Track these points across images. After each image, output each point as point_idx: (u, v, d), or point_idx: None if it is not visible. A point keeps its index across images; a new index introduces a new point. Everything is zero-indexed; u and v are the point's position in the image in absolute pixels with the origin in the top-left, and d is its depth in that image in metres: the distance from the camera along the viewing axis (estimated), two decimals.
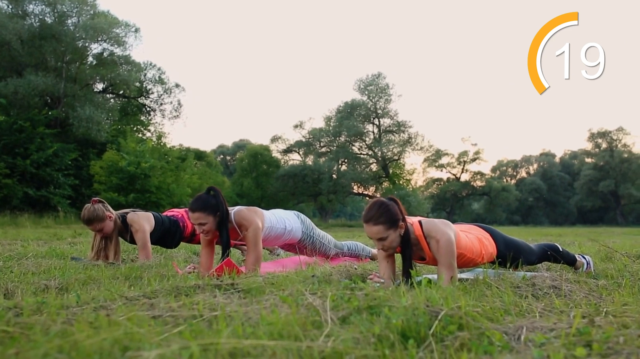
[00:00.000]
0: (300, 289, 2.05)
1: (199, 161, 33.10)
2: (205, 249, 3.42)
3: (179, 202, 24.09)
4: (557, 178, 52.27)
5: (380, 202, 2.63)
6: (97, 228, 4.17)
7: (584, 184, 48.91)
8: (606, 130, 47.80)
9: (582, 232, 20.57)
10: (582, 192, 49.39)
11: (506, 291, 2.21)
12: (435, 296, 1.73)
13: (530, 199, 51.31)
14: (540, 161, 55.07)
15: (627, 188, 46.15)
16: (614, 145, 47.38)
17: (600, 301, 2.15)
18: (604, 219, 48.80)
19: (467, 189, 46.26)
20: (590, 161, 49.73)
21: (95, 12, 25.75)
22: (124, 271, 3.27)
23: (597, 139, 48.34)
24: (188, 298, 2.01)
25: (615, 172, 46.62)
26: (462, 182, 45.54)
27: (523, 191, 50.33)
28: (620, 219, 46.96)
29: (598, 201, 48.69)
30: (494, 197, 45.29)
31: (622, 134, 47.24)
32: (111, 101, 28.47)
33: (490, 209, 47.54)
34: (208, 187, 3.39)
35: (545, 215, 52.05)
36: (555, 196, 51.92)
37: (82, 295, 2.08)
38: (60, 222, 18.31)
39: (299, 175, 35.79)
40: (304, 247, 4.01)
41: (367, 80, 36.12)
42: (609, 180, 46.72)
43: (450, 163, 43.37)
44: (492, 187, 45.06)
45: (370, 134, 37.35)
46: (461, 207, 48.34)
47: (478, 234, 2.93)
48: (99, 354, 1.17)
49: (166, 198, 23.36)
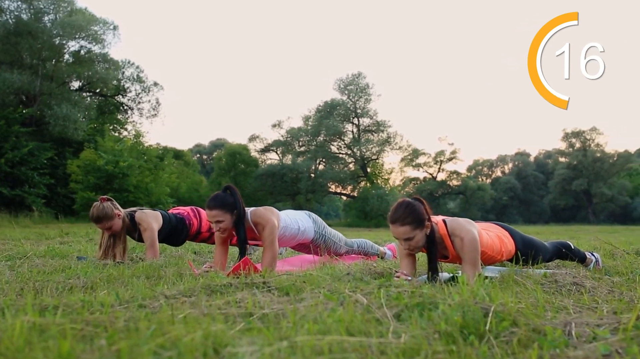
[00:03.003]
0: (339, 287, 2.07)
1: (177, 160, 32.90)
2: (219, 247, 3.45)
3: (157, 202, 23.93)
4: (531, 177, 53.08)
5: (406, 202, 2.64)
6: (106, 226, 4.17)
7: (557, 183, 49.77)
8: (580, 130, 48.67)
9: (558, 231, 20.92)
10: (556, 191, 50.24)
11: (535, 288, 2.25)
12: (481, 292, 1.76)
13: (505, 198, 52.02)
14: (515, 160, 55.85)
15: (599, 187, 47.12)
16: (587, 145, 48.29)
17: (624, 297, 2.21)
18: (577, 217, 49.73)
19: (443, 188, 46.71)
20: (564, 160, 50.55)
21: (73, 9, 25.31)
22: (142, 269, 3.29)
23: (571, 138, 49.19)
24: (226, 296, 2.02)
25: (588, 171, 47.55)
26: (439, 181, 45.97)
27: (498, 190, 50.98)
28: (592, 217, 47.92)
29: (571, 200, 49.61)
30: (470, 196, 45.84)
31: (595, 134, 48.19)
32: (88, 99, 28.07)
33: (465, 208, 48.05)
34: (225, 185, 3.41)
35: (520, 214, 52.82)
36: (529, 195, 52.73)
37: (120, 294, 2.10)
38: (36, 222, 18.06)
39: (277, 174, 35.77)
40: (317, 246, 4.02)
41: (347, 80, 36.21)
42: (582, 179, 47.61)
43: (427, 162, 43.75)
44: (468, 186, 45.61)
45: (350, 133, 37.47)
46: (437, 206, 48.73)
47: (498, 232, 2.96)
48: (201, 351, 1.21)
49: (144, 197, 23.18)
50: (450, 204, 51.19)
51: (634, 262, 3.56)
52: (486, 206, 49.33)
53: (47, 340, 1.32)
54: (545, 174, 53.27)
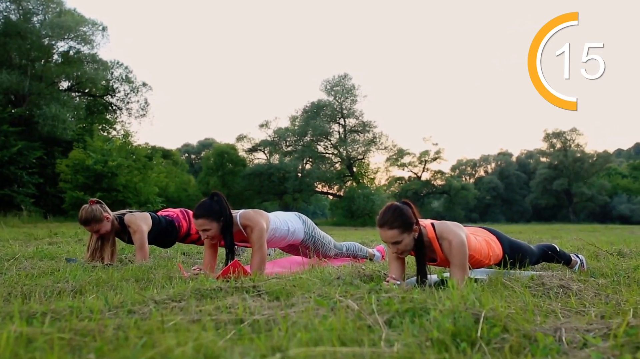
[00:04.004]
0: (329, 292, 2.06)
1: (165, 160, 32.77)
2: (208, 250, 3.43)
3: (146, 201, 23.86)
4: (513, 177, 53.52)
5: (394, 206, 2.63)
6: (94, 229, 4.14)
7: (539, 183, 50.29)
8: (560, 131, 49.19)
9: (540, 229, 21.09)
10: (537, 190, 50.76)
11: (523, 291, 2.27)
12: (471, 297, 1.77)
13: (488, 197, 52.42)
14: (497, 160, 56.26)
15: (580, 186, 47.69)
16: (568, 145, 48.85)
17: (610, 300, 2.23)
18: (557, 216, 50.28)
19: (427, 188, 46.98)
20: (545, 160, 51.11)
21: (62, 9, 25.25)
22: (131, 272, 3.26)
23: (552, 139, 49.71)
24: (216, 301, 2.01)
25: (569, 171, 48.11)
26: (423, 181, 46.23)
27: (481, 189, 51.35)
28: (572, 216, 48.50)
29: (552, 199, 50.14)
30: (454, 196, 46.16)
31: (575, 134, 48.77)
32: (77, 99, 28.00)
33: (449, 207, 48.37)
34: (212, 192, 3.37)
35: (502, 213, 53.26)
36: (511, 194, 53.18)
37: (109, 299, 2.09)
38: (25, 221, 17.90)
39: (264, 174, 35.80)
40: (306, 247, 4.01)
41: (333, 81, 36.43)
42: (563, 179, 48.17)
43: (412, 162, 43.96)
44: (452, 185, 45.92)
45: (336, 133, 37.63)
46: (421, 205, 48.99)
47: (485, 236, 2.96)
48: None
49: (133, 197, 23.10)
50: (434, 204, 51.48)
51: (618, 263, 3.60)
52: (470, 205, 49.70)
53: (34, 351, 1.30)
54: (527, 173, 53.80)
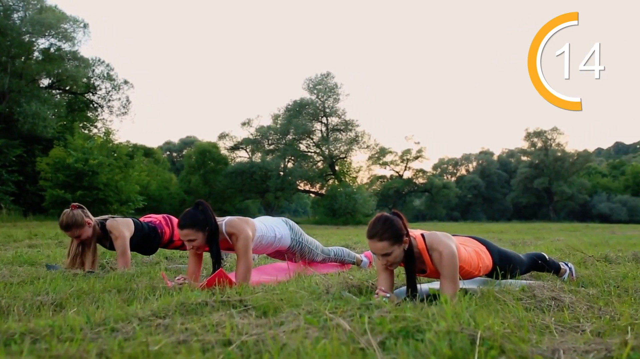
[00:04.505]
0: (319, 307, 2.03)
1: (147, 158, 32.65)
2: (192, 258, 3.35)
3: (127, 200, 23.80)
4: (495, 176, 54.10)
5: (384, 217, 2.58)
6: (75, 234, 4.03)
7: (520, 182, 50.96)
8: (541, 130, 49.94)
9: (521, 228, 21.32)
10: (518, 189, 51.44)
11: (516, 305, 2.25)
12: (465, 316, 1.77)
13: (469, 195, 52.91)
14: (479, 159, 56.78)
15: (560, 185, 48.45)
16: (549, 144, 49.56)
17: (603, 314, 2.25)
18: (538, 214, 51.01)
19: (409, 186, 47.36)
20: (526, 159, 51.78)
21: (43, 6, 24.92)
22: (113, 282, 3.15)
23: (533, 138, 50.41)
24: (202, 318, 1.95)
25: (549, 170, 48.83)
26: (405, 179, 46.62)
27: (463, 188, 51.83)
28: (552, 214, 49.25)
29: (533, 198, 50.85)
30: (435, 194, 46.63)
31: (556, 133, 49.53)
32: (58, 96, 27.71)
33: (431, 206, 48.90)
34: (196, 201, 3.28)
35: (483, 211, 53.81)
36: (492, 193, 53.78)
37: (91, 315, 2.00)
38: (4, 220, 17.81)
39: (247, 172, 35.86)
40: (293, 254, 3.95)
41: (316, 80, 36.49)
42: (543, 177, 48.87)
43: (394, 161, 44.15)
44: (434, 184, 46.34)
45: (318, 132, 37.74)
46: (403, 204, 49.49)
47: (475, 246, 2.94)
48: None
49: (114, 195, 23.04)
50: (416, 202, 51.95)
51: (606, 271, 3.62)
52: (451, 204, 50.24)
53: None
54: (508, 172, 54.43)
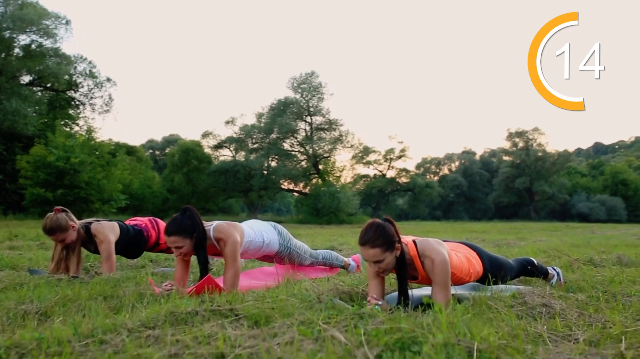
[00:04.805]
0: (311, 317, 2.01)
1: (129, 156, 32.39)
2: (179, 264, 3.29)
3: (109, 198, 23.61)
4: (477, 175, 54.65)
5: (376, 224, 2.55)
6: (60, 239, 3.94)
7: (501, 181, 51.55)
8: (523, 130, 50.58)
9: (503, 228, 21.52)
10: (500, 188, 52.02)
11: (508, 313, 2.25)
12: (462, 328, 1.76)
13: (451, 195, 53.36)
14: (461, 158, 57.31)
15: (541, 185, 49.10)
16: (530, 144, 50.19)
17: (594, 321, 2.26)
18: (519, 214, 51.62)
19: (392, 185, 47.58)
20: (508, 159, 52.37)
21: (24, 2, 24.64)
22: (99, 288, 3.08)
23: (514, 138, 51.02)
24: (194, 329, 1.91)
25: (530, 169, 49.44)
26: (388, 178, 46.85)
27: (445, 187, 52.28)
28: (533, 214, 49.85)
29: (514, 197, 51.45)
30: (418, 193, 46.91)
31: (537, 134, 50.20)
32: (39, 94, 27.37)
33: (414, 205, 49.23)
34: (183, 207, 3.22)
35: (465, 210, 54.31)
36: (474, 192, 54.31)
37: (78, 326, 1.94)
38: None
39: (230, 171, 35.74)
40: (282, 258, 3.93)
41: (300, 79, 36.49)
42: (525, 177, 49.48)
43: (377, 160, 44.39)
44: (417, 183, 46.61)
45: (302, 131, 37.75)
46: (386, 202, 49.75)
47: (466, 252, 2.94)
48: None
49: (96, 194, 22.86)
50: (399, 201, 52.24)
51: (593, 276, 3.66)
52: (434, 203, 50.63)
53: None
54: (490, 172, 55.00)
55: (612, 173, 52.16)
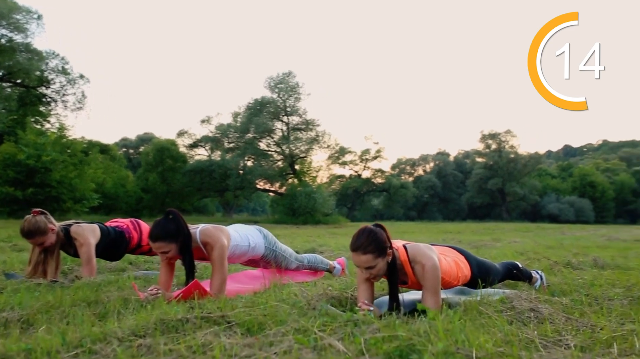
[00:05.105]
0: (306, 325, 1.99)
1: (102, 155, 31.91)
2: (164, 268, 3.23)
3: (82, 198, 23.24)
4: (451, 176, 55.22)
5: (368, 230, 2.56)
6: (38, 242, 3.83)
7: (474, 182, 52.19)
8: (496, 132, 51.24)
9: (477, 229, 21.71)
10: (473, 189, 52.68)
11: (499, 318, 2.26)
12: (460, 336, 1.77)
13: (426, 195, 53.83)
14: (436, 159, 57.82)
15: (513, 186, 49.86)
16: (503, 146, 50.89)
17: (581, 326, 2.29)
18: (491, 214, 52.35)
19: (367, 186, 47.78)
20: (481, 160, 52.99)
21: None
22: (81, 294, 2.98)
23: (487, 140, 51.64)
24: (187, 337, 1.87)
25: (503, 171, 50.15)
26: (364, 179, 47.00)
27: (420, 188, 52.70)
28: (505, 214, 50.61)
29: (487, 198, 52.14)
30: (393, 194, 47.19)
31: (509, 136, 50.93)
32: (8, 89, 26.67)
33: (389, 205, 49.52)
34: (167, 210, 3.15)
35: (439, 211, 54.83)
36: (448, 193, 54.87)
37: (64, 334, 1.88)
38: None
39: (206, 171, 35.44)
40: (267, 262, 3.89)
41: (277, 78, 36.30)
42: (497, 178, 50.18)
43: (353, 161, 44.42)
44: (392, 184, 46.86)
45: (279, 131, 37.60)
46: (362, 203, 50.00)
47: (454, 256, 2.95)
48: None
49: (68, 193, 22.49)
50: (374, 201, 52.51)
51: (575, 279, 3.72)
52: (408, 204, 51.03)
53: None
54: (464, 173, 55.63)
55: (580, 175, 53.28)
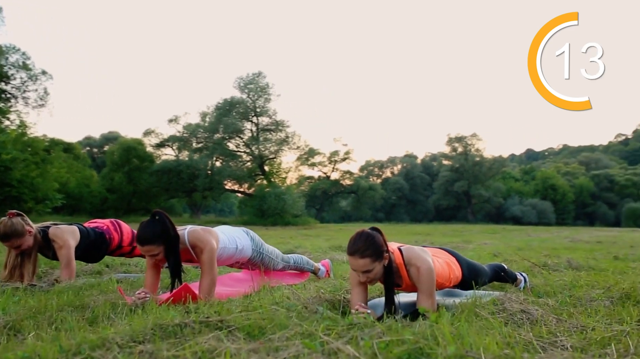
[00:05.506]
0: (309, 328, 1.97)
1: (66, 154, 31.14)
2: (151, 270, 3.16)
3: (44, 198, 22.67)
4: (418, 178, 55.79)
5: (366, 234, 2.54)
6: (15, 244, 3.73)
7: (441, 185, 52.90)
8: (462, 135, 52.03)
9: (446, 231, 21.89)
10: (440, 191, 53.38)
11: (495, 321, 2.26)
12: (468, 339, 1.77)
13: (393, 197, 54.25)
14: (403, 161, 58.39)
15: (478, 189, 50.74)
16: (468, 149, 51.70)
17: (572, 327, 2.31)
18: (457, 216, 53.09)
19: (336, 187, 47.94)
20: (448, 163, 53.73)
21: None
22: (66, 299, 2.89)
23: (454, 143, 52.39)
24: (190, 342, 1.83)
25: (469, 174, 50.96)
26: (332, 180, 47.16)
27: (388, 189, 53.09)
28: (470, 216, 51.43)
29: (453, 200, 52.90)
30: (362, 196, 47.45)
31: (475, 139, 51.79)
32: None
33: (357, 207, 49.74)
34: (153, 212, 3.07)
35: (407, 213, 55.33)
36: (416, 195, 55.43)
37: (59, 341, 1.81)
38: None
39: (173, 171, 35.01)
40: (254, 264, 3.85)
41: (247, 79, 36.18)
42: (463, 181, 50.97)
43: (322, 162, 44.59)
44: (360, 185, 47.13)
45: (248, 131, 37.44)
46: (330, 204, 50.12)
47: (446, 258, 2.97)
48: None
49: (29, 193, 21.91)
50: (342, 203, 52.67)
51: (555, 281, 3.79)
52: (376, 205, 51.36)
53: None
54: (431, 175, 56.30)
55: (542, 178, 54.55)
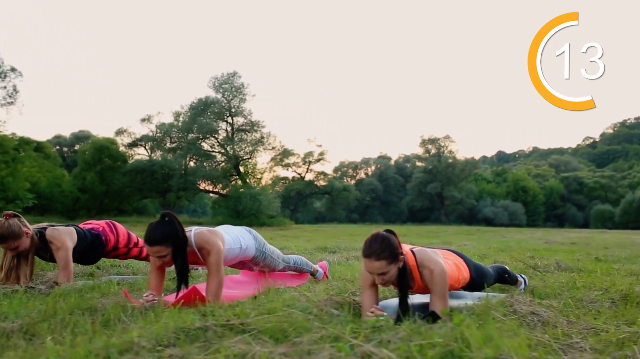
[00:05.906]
0: (334, 332, 1.96)
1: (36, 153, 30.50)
2: (155, 272, 3.14)
3: (15, 197, 22.17)
4: (391, 180, 56.09)
5: (381, 236, 2.54)
6: (12, 246, 3.69)
7: (415, 186, 53.28)
8: (435, 137, 52.52)
9: (421, 232, 22.02)
10: (413, 193, 53.76)
11: (510, 323, 2.26)
12: (498, 339, 1.78)
13: (367, 198, 54.43)
14: (377, 163, 58.62)
15: (451, 190, 51.28)
16: (442, 151, 52.21)
17: (584, 329, 2.34)
18: (430, 217, 53.57)
19: (310, 188, 47.94)
20: (421, 164, 54.15)
21: None
22: (74, 301, 2.84)
23: (427, 145, 52.84)
24: (213, 345, 1.83)
25: (442, 175, 51.45)
26: (307, 181, 47.15)
27: (362, 190, 53.25)
28: (443, 218, 51.93)
29: (426, 202, 53.34)
30: (336, 197, 47.55)
31: (448, 141, 52.30)
32: None
33: (331, 208, 49.82)
34: (162, 213, 3.05)
35: (380, 214, 55.58)
36: (389, 196, 55.73)
37: (78, 345, 1.82)
38: None
39: (147, 171, 34.59)
40: (257, 264, 3.86)
41: (222, 79, 35.89)
42: (436, 183, 51.41)
43: (296, 163, 44.55)
44: (334, 186, 47.23)
45: (223, 132, 37.18)
46: (304, 205, 50.10)
47: (455, 260, 2.97)
48: None
49: None
50: (316, 204, 52.71)
51: (554, 282, 3.83)
52: (350, 206, 51.48)
53: None
54: (404, 177, 56.64)
55: (513, 180, 55.43)
